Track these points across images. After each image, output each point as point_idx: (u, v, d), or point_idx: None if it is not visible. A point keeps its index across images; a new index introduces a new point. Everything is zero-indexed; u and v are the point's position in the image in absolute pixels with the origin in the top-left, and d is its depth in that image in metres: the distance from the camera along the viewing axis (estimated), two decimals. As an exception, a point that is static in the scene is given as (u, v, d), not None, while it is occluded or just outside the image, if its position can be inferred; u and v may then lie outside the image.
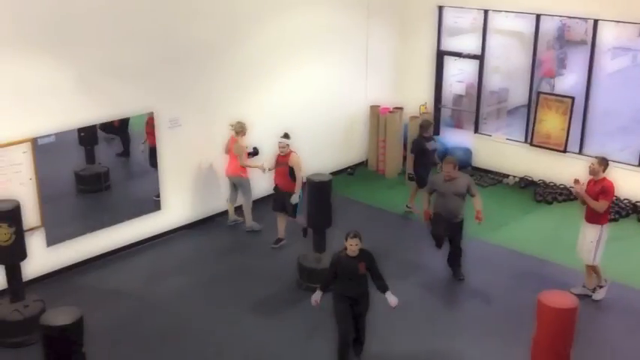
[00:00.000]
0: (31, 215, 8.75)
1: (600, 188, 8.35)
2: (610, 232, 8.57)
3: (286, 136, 9.82)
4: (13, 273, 7.95)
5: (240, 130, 10.28)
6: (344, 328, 7.20)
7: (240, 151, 10.25)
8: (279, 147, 9.76)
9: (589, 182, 8.53)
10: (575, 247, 8.85)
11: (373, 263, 7.13)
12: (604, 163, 8.45)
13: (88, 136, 9.34)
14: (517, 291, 8.90)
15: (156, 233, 10.38)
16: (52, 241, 9.13)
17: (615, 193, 8.71)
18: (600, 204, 8.33)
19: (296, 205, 9.84)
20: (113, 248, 9.91)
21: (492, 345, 7.87)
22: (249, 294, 8.97)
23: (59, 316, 5.76)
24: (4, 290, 8.25)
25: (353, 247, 7.01)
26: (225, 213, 10.95)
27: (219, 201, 10.92)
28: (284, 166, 9.75)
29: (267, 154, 10.33)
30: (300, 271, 9.11)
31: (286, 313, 8.53)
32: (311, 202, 8.98)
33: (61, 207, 9.33)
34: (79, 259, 9.56)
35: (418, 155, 10.93)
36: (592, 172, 8.46)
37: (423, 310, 8.60)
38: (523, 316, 7.78)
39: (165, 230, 10.49)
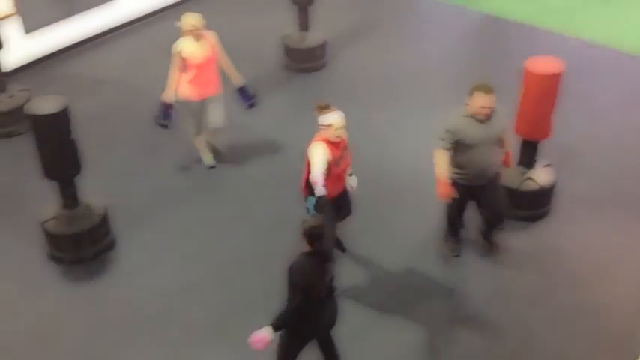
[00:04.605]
0: (3, 1, 8.40)
1: None
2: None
3: (327, 106, 5.41)
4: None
5: None
6: None
7: None
8: (336, 129, 5.34)
9: None
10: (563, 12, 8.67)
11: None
12: None
13: None
14: (504, 60, 8.84)
15: (135, 17, 10.04)
16: (30, 28, 8.86)
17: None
18: None
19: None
20: (93, 34, 9.65)
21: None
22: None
23: (45, 105, 5.74)
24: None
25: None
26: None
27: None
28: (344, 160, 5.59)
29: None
30: (286, 53, 8.94)
31: (275, 94, 8.49)
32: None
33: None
34: (60, 47, 9.34)
35: None
36: None
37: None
38: (510, 81, 7.81)
39: (145, 13, 10.12)
